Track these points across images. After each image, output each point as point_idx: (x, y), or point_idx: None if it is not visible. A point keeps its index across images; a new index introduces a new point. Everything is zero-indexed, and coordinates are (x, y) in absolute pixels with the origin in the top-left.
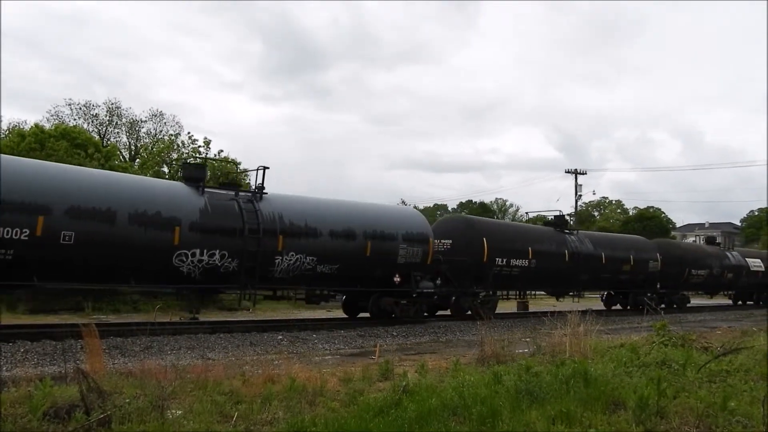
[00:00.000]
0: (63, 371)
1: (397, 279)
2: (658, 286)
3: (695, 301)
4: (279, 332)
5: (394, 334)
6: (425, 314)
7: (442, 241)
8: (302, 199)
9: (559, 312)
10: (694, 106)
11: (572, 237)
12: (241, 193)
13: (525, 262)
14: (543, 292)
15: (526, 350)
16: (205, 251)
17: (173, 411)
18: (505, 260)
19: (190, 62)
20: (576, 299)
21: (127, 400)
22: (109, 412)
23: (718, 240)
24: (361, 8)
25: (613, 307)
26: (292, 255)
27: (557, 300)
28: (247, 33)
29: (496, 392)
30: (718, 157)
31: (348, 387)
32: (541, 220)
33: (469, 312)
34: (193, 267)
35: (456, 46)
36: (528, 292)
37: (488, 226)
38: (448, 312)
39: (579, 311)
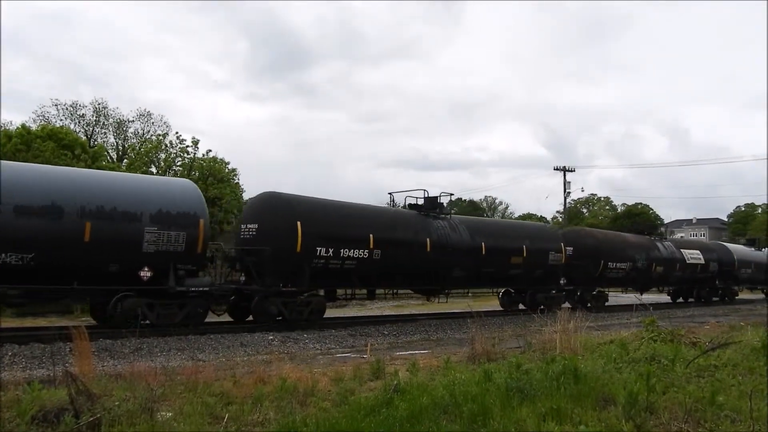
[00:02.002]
0: (52, 374)
1: (145, 274)
2: (563, 281)
3: (626, 299)
4: (270, 332)
5: (385, 333)
6: (208, 320)
7: (248, 226)
8: None
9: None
10: (679, 103)
11: (441, 223)
12: None
13: (363, 253)
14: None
15: (516, 347)
16: None
17: (163, 413)
18: (331, 250)
19: (176, 62)
20: (436, 299)
21: (117, 403)
22: (98, 415)
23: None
24: (347, 6)
25: (521, 307)
26: None
27: (428, 300)
28: (233, 32)
29: (487, 390)
30: (705, 153)
31: (339, 387)
32: (531, 218)
33: (280, 317)
34: None
35: (443, 44)
36: (393, 291)
37: (307, 206)
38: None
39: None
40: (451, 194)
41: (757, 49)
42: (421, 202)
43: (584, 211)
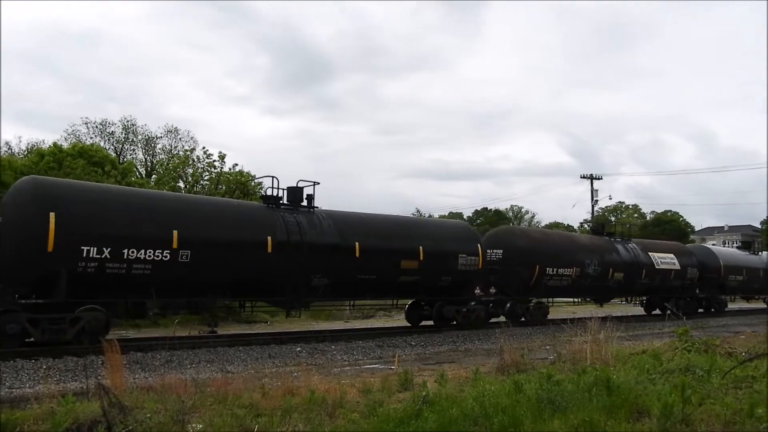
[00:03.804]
0: (85, 387)
1: None
2: (477, 291)
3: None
4: (297, 344)
5: (413, 343)
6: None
7: None
8: None
9: None
10: (706, 109)
11: (295, 217)
12: None
13: (163, 255)
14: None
15: (546, 358)
16: None
17: (194, 425)
18: (107, 250)
19: (198, 77)
20: (295, 313)
21: (149, 415)
22: (130, 428)
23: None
24: (366, 19)
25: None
26: None
27: (288, 316)
28: (253, 47)
29: (517, 401)
30: (733, 159)
31: (367, 398)
32: (557, 227)
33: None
34: None
35: (463, 54)
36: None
37: (70, 191)
38: None
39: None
40: (316, 182)
41: None
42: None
43: (612, 219)
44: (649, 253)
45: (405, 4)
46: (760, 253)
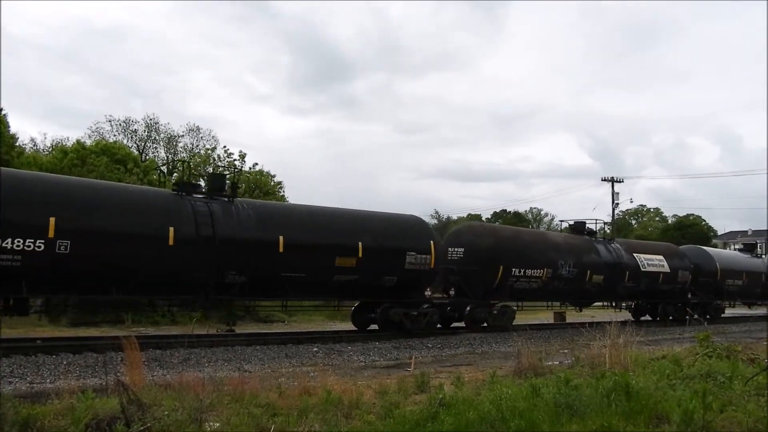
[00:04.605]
0: (104, 383)
1: None
2: (428, 292)
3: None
4: (314, 344)
5: (429, 345)
6: None
7: None
8: None
9: None
10: (731, 111)
11: (207, 207)
12: None
13: (36, 246)
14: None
15: (564, 362)
16: None
17: (211, 423)
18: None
19: (221, 74)
20: (212, 314)
21: (166, 413)
22: (148, 424)
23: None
24: (387, 17)
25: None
26: None
27: (192, 323)
28: (275, 44)
29: (535, 405)
30: (758, 162)
31: (384, 399)
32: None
33: None
34: None
35: (485, 53)
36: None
37: None
38: None
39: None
40: (239, 169)
41: None
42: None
43: (633, 222)
44: (635, 254)
45: (426, 3)
46: (763, 256)
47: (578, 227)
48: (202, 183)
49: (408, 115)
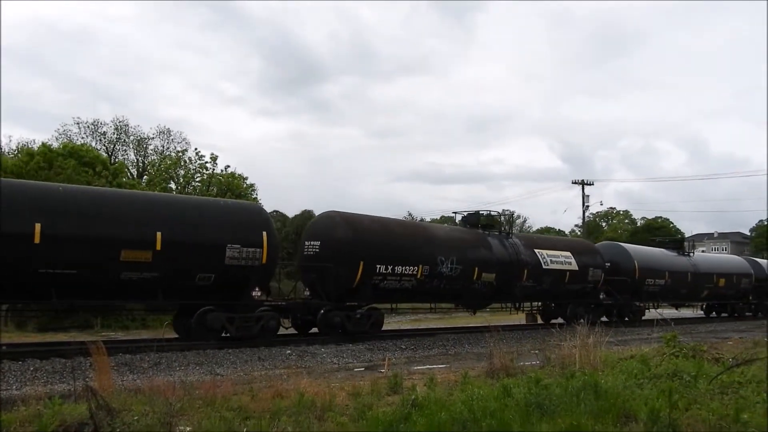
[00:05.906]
0: (72, 389)
1: None
2: (258, 292)
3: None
4: (287, 346)
5: (403, 347)
6: None
7: None
8: None
9: None
10: (698, 117)
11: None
12: None
13: None
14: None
15: (535, 362)
16: None
17: (182, 428)
18: None
19: (192, 79)
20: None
21: (136, 418)
22: (118, 430)
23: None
24: (359, 22)
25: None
26: None
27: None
28: (246, 49)
29: (506, 405)
30: (724, 166)
31: (357, 401)
32: (548, 232)
33: None
34: None
35: (457, 59)
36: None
37: None
38: None
39: None
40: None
41: None
42: None
43: (603, 224)
44: (536, 251)
45: (398, 8)
46: (691, 253)
47: (471, 219)
48: None
49: (381, 119)
